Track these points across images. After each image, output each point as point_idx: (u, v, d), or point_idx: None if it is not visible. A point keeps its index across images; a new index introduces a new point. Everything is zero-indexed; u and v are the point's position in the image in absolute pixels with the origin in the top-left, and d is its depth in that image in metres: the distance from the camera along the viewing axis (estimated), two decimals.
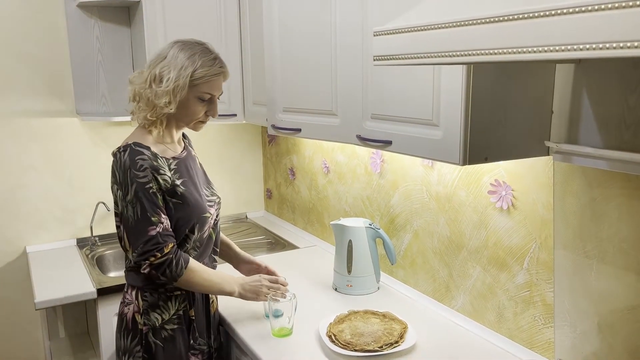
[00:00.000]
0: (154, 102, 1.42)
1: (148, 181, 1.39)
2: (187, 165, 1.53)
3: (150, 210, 1.39)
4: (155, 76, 1.42)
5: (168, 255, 1.40)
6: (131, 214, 1.40)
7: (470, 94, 1.12)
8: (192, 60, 1.42)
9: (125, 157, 1.40)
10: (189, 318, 1.53)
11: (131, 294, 1.50)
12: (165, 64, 1.42)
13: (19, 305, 2.45)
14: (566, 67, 1.20)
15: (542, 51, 0.64)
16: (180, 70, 1.40)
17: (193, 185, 1.51)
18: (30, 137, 2.38)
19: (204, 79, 1.43)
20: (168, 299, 1.50)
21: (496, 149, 1.19)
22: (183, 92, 1.41)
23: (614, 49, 0.56)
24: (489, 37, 0.70)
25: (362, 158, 2.04)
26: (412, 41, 0.83)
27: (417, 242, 1.79)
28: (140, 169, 1.39)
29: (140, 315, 1.48)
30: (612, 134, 1.11)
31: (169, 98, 1.41)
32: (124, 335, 1.51)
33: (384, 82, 1.36)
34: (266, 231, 2.66)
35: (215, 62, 1.46)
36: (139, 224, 1.39)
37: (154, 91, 1.41)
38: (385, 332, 1.52)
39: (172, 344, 1.50)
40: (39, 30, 2.33)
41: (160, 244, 1.39)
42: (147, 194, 1.39)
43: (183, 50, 1.43)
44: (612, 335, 1.19)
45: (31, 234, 2.43)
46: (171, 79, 1.40)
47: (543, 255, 1.35)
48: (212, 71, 1.44)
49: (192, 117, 1.49)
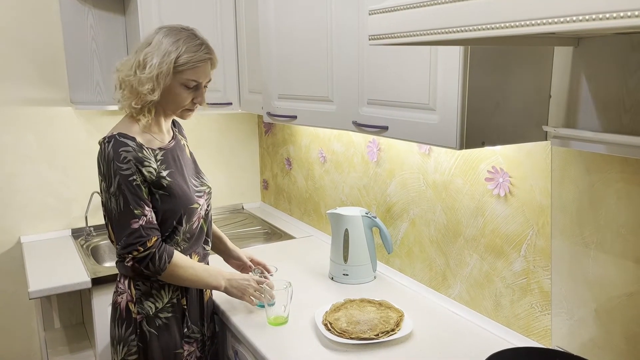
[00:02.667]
0: (138, 89, 1.39)
1: (131, 173, 1.37)
2: (174, 156, 1.51)
3: (133, 202, 1.37)
4: (139, 62, 1.39)
5: (151, 249, 1.38)
6: (114, 206, 1.38)
7: (468, 77, 1.11)
8: (177, 45, 1.39)
9: (109, 148, 1.37)
10: (182, 306, 1.52)
11: (124, 283, 1.49)
12: (150, 50, 1.39)
13: (14, 296, 2.44)
14: (564, 50, 1.18)
15: (540, 24, 0.62)
16: (164, 56, 1.38)
17: (180, 176, 1.49)
18: (25, 126, 2.36)
19: (188, 65, 1.40)
20: (161, 287, 1.48)
21: (493, 133, 1.17)
22: (167, 78, 1.38)
23: (614, 19, 0.55)
24: (486, 11, 0.69)
25: (359, 147, 2.03)
26: (408, 19, 0.81)
27: (413, 231, 1.78)
28: (123, 161, 1.36)
29: (134, 304, 1.47)
30: (611, 117, 1.10)
31: (153, 85, 1.38)
32: (118, 324, 1.49)
33: (380, 66, 1.34)
34: (262, 222, 2.65)
35: (201, 47, 1.42)
36: (122, 216, 1.37)
37: (137, 78, 1.38)
38: (381, 320, 1.51)
39: (166, 332, 1.49)
40: (32, 18, 2.31)
41: (143, 237, 1.37)
42: (130, 186, 1.36)
43: (168, 36, 1.40)
44: (610, 321, 1.18)
45: (26, 224, 2.41)
46: (154, 65, 1.37)
47: (540, 242, 1.34)
48: (197, 57, 1.41)
49: (178, 105, 1.46)
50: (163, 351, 1.49)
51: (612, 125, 1.10)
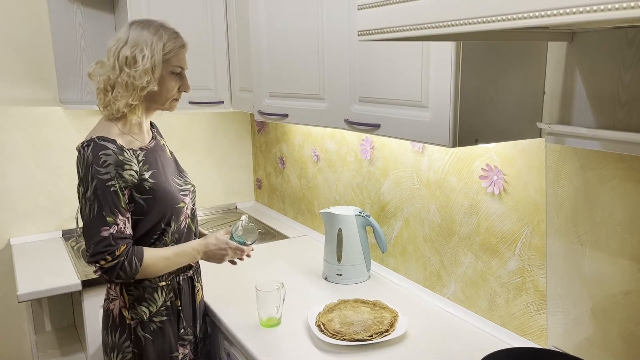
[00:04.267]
0: (135, 84, 1.37)
1: (110, 178, 1.33)
2: (155, 156, 1.48)
3: (106, 209, 1.32)
4: (126, 59, 1.37)
5: (119, 257, 1.34)
6: (87, 212, 1.34)
7: (460, 74, 1.09)
8: (159, 35, 1.39)
9: (89, 152, 1.33)
10: (176, 308, 1.50)
11: (115, 289, 1.45)
12: (133, 45, 1.37)
13: (4, 298, 2.41)
14: (558, 46, 1.16)
15: (532, 17, 0.60)
16: (153, 46, 1.37)
17: (163, 176, 1.46)
18: (13, 126, 2.32)
19: (173, 52, 1.41)
20: (154, 290, 1.45)
21: (487, 130, 1.15)
22: (159, 68, 1.39)
23: (608, 10, 0.52)
24: (477, 4, 0.67)
25: (352, 145, 2.00)
26: (398, 13, 0.79)
27: (407, 230, 1.76)
28: (102, 165, 1.33)
29: (127, 310, 1.44)
30: (606, 113, 1.08)
31: (149, 76, 1.37)
32: (111, 331, 1.46)
33: (371, 63, 1.32)
34: (256, 221, 2.62)
35: (177, 34, 1.45)
36: (93, 222, 1.33)
37: (130, 74, 1.36)
38: (375, 320, 1.49)
39: (161, 336, 1.46)
40: (20, 17, 2.27)
41: (112, 246, 1.33)
42: (106, 192, 1.32)
43: (145, 28, 1.39)
44: (606, 320, 1.17)
45: (15, 225, 2.38)
46: (147, 56, 1.36)
47: (535, 241, 1.32)
48: (178, 43, 1.43)
49: (168, 94, 1.45)
50: (159, 355, 1.46)
51: (607, 121, 1.08)
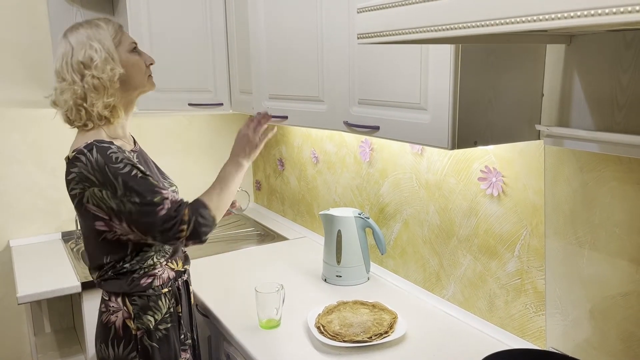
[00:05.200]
0: (102, 79, 1.32)
1: (131, 169, 1.29)
2: (145, 159, 1.47)
3: (147, 193, 1.28)
4: (80, 65, 1.32)
5: (191, 220, 1.29)
6: (131, 207, 1.28)
7: (459, 76, 1.09)
8: (96, 25, 1.35)
9: (95, 155, 1.28)
10: (177, 314, 1.48)
11: (116, 301, 1.40)
12: (80, 47, 1.33)
13: (3, 300, 2.40)
14: (557, 49, 1.17)
15: (530, 21, 0.60)
16: (98, 37, 1.33)
17: (156, 178, 1.43)
18: (12, 127, 2.32)
19: (118, 33, 1.38)
20: (158, 298, 1.42)
21: (486, 132, 1.16)
22: (116, 52, 1.35)
23: (606, 14, 0.53)
24: (475, 8, 0.67)
25: (351, 147, 2.01)
26: (397, 16, 0.79)
27: (407, 232, 1.76)
28: (117, 161, 1.29)
29: (133, 320, 1.39)
30: (604, 116, 1.08)
31: (111, 64, 1.33)
32: (114, 344, 1.40)
33: (371, 65, 1.32)
34: (255, 223, 2.63)
35: (108, 18, 1.40)
36: (144, 212, 1.28)
37: (93, 73, 1.31)
38: (374, 322, 1.49)
39: (167, 344, 1.43)
40: (20, 18, 2.28)
41: (177, 217, 1.28)
42: (136, 180, 1.28)
43: (80, 28, 1.35)
44: (605, 322, 1.17)
45: (14, 227, 2.38)
46: (98, 48, 1.32)
47: (534, 242, 1.32)
48: (116, 24, 1.39)
49: (139, 71, 1.40)
50: None
51: (605, 123, 1.08)
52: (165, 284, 1.44)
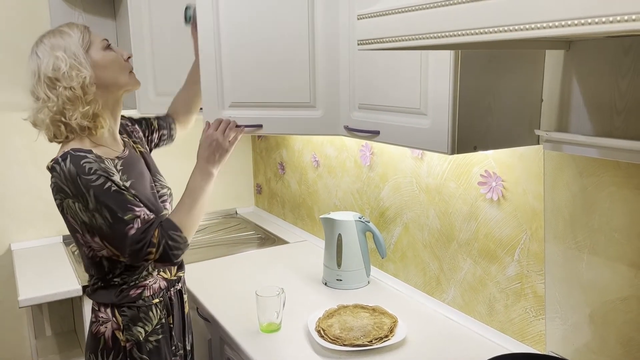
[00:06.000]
0: (73, 88, 1.25)
1: (104, 181, 1.23)
2: (133, 164, 1.40)
3: (119, 210, 1.23)
4: (50, 79, 1.26)
5: (160, 243, 1.25)
6: (102, 223, 1.23)
7: (459, 81, 1.10)
8: (59, 32, 1.29)
9: (68, 165, 1.22)
10: (168, 325, 1.44)
11: (105, 311, 1.36)
12: (45, 61, 1.26)
13: (4, 303, 2.41)
14: (556, 54, 1.17)
15: (530, 29, 0.61)
16: (61, 46, 1.27)
17: (142, 185, 1.38)
18: (14, 130, 2.33)
19: (85, 35, 1.30)
20: (149, 309, 1.38)
21: (485, 137, 1.16)
22: (83, 56, 1.27)
23: (602, 23, 0.54)
24: (475, 16, 0.68)
25: (352, 151, 2.01)
26: (397, 23, 0.80)
27: (407, 235, 1.76)
28: (89, 173, 1.22)
29: (122, 332, 1.35)
30: (603, 121, 1.09)
31: (76, 69, 1.26)
32: (103, 355, 1.36)
33: (371, 70, 1.33)
34: (256, 226, 2.63)
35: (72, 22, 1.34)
36: (114, 229, 1.23)
37: (63, 85, 1.25)
38: (375, 326, 1.50)
39: (157, 356, 1.40)
40: (22, 22, 2.29)
41: (146, 238, 1.24)
42: (108, 194, 1.23)
43: (44, 39, 1.30)
44: (604, 326, 1.17)
45: (16, 230, 2.39)
46: (62, 57, 1.25)
47: (534, 247, 1.33)
48: (80, 27, 1.32)
49: (118, 68, 1.34)
50: None
51: (604, 128, 1.09)
52: (156, 294, 1.40)
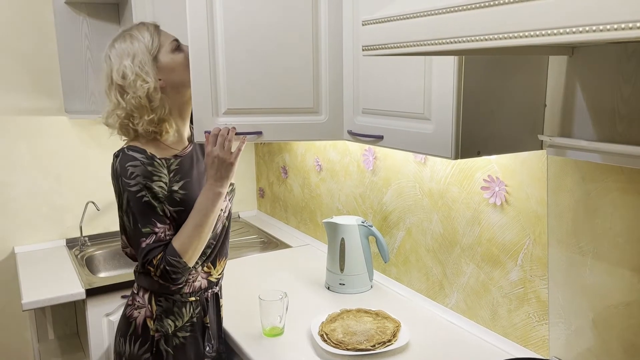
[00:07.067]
0: (139, 96, 1.29)
1: (139, 190, 1.28)
2: (192, 162, 1.41)
3: (141, 221, 1.29)
4: (119, 87, 1.30)
5: (159, 266, 1.29)
6: (128, 224, 1.32)
7: (462, 86, 1.10)
8: (129, 37, 1.32)
9: (117, 163, 1.30)
10: (202, 325, 1.46)
11: (143, 297, 1.40)
12: (115, 68, 1.31)
13: (7, 307, 2.41)
14: (559, 60, 1.18)
15: (533, 35, 0.62)
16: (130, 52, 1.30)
17: (197, 184, 1.39)
18: (18, 135, 2.35)
19: (155, 38, 1.33)
20: (183, 305, 1.41)
21: (489, 142, 1.17)
22: (150, 64, 1.30)
23: (607, 31, 0.54)
24: (479, 22, 0.68)
25: (355, 155, 2.02)
26: (402, 29, 0.81)
27: (410, 240, 1.77)
28: (130, 177, 1.28)
29: (153, 321, 1.38)
30: (606, 126, 1.09)
31: (141, 78, 1.29)
32: (131, 340, 1.39)
33: (375, 75, 1.34)
34: (259, 230, 2.64)
35: (143, 23, 1.37)
36: (134, 234, 1.31)
37: (130, 93, 1.29)
38: (377, 330, 1.50)
39: (182, 352, 1.41)
40: (26, 27, 2.30)
41: (149, 257, 1.29)
42: (138, 204, 1.28)
43: (115, 44, 1.33)
44: (607, 331, 1.17)
45: (19, 234, 2.40)
46: (129, 65, 1.29)
47: (537, 252, 1.33)
48: (151, 29, 1.35)
49: (186, 68, 1.36)
50: None
51: (607, 134, 1.09)
52: (194, 292, 1.43)
